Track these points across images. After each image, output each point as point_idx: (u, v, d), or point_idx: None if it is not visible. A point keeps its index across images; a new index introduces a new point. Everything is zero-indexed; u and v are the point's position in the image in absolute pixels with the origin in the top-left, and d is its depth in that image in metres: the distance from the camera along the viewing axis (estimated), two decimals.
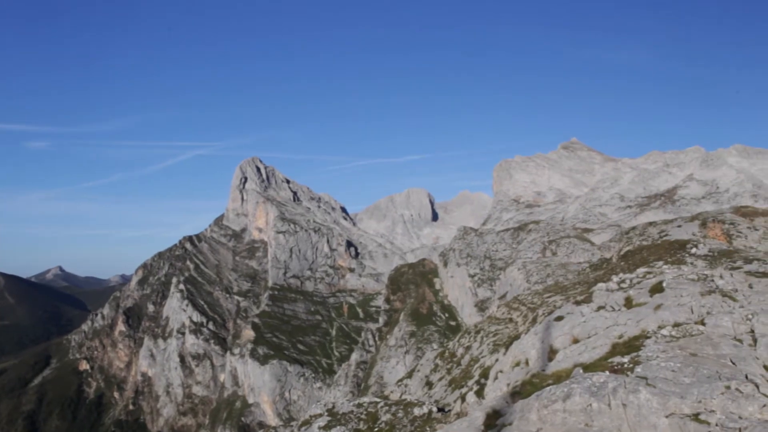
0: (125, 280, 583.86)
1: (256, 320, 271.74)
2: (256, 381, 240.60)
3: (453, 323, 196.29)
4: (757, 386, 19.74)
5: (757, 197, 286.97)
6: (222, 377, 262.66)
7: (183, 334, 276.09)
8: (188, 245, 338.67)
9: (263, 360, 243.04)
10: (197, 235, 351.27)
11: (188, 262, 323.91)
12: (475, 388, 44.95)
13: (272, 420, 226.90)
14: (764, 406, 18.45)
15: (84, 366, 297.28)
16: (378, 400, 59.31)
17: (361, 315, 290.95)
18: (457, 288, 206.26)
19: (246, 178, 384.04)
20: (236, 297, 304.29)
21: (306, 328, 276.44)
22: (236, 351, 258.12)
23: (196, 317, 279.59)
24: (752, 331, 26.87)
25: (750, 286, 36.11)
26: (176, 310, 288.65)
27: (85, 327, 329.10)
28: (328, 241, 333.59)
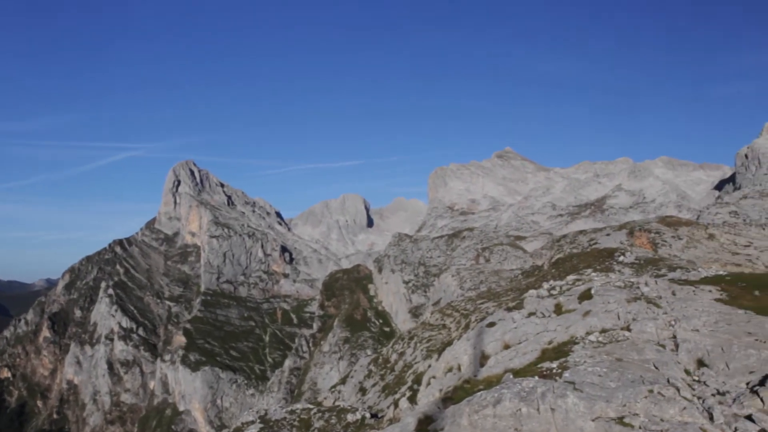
0: (51, 284, 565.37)
1: (188, 326, 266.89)
2: (187, 388, 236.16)
3: (387, 329, 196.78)
4: (678, 390, 20.45)
5: (681, 207, 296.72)
6: (152, 384, 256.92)
7: (111, 340, 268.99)
8: (118, 249, 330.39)
9: (195, 366, 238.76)
10: (128, 239, 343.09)
11: (118, 266, 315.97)
12: (408, 393, 45.25)
13: (203, 428, 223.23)
14: (684, 408, 19.14)
15: (5, 374, 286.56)
16: (311, 406, 59.15)
17: (295, 321, 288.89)
18: (391, 294, 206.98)
19: (179, 182, 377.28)
20: (167, 302, 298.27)
21: (239, 334, 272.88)
22: (167, 357, 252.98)
23: (126, 323, 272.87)
24: (674, 337, 27.81)
25: (673, 293, 37.35)
26: (105, 315, 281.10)
27: (7, 333, 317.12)
28: (262, 246, 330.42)
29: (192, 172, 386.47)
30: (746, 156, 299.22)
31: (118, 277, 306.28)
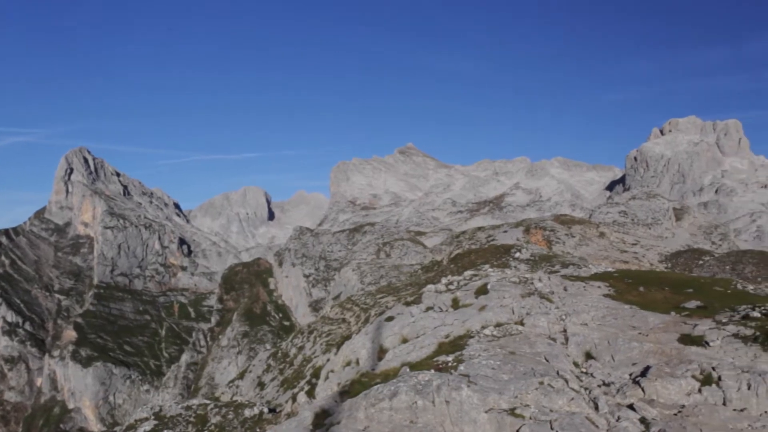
0: None
1: (79, 320, 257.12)
2: (78, 385, 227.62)
3: (287, 323, 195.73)
4: (566, 381, 21.25)
5: (575, 206, 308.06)
6: (39, 382, 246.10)
7: None
8: (3, 239, 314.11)
9: (86, 362, 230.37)
10: (14, 229, 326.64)
11: (3, 258, 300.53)
12: (307, 388, 45.14)
13: (94, 426, 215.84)
14: (572, 399, 19.92)
15: None
16: (208, 402, 58.11)
17: (193, 315, 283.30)
18: (291, 288, 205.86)
19: (72, 170, 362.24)
20: (57, 296, 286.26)
21: (133, 328, 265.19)
22: (56, 353, 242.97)
23: (11, 317, 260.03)
24: (565, 331, 28.88)
25: (565, 289, 38.75)
26: None
27: None
28: (159, 238, 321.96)
29: (86, 160, 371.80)
30: (635, 159, 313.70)
31: (3, 269, 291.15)
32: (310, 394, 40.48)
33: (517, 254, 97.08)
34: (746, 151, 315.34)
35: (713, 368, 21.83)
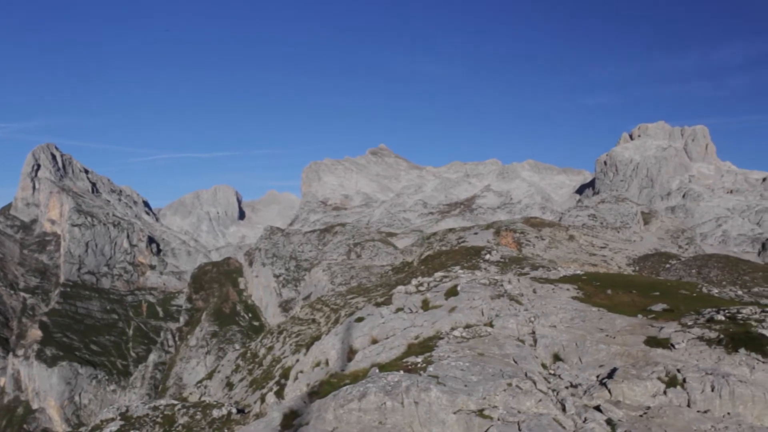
0: None
1: (45, 319, 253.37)
2: (42, 385, 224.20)
3: (256, 323, 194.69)
4: (534, 383, 21.41)
5: (545, 209, 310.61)
6: (2, 381, 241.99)
7: None
8: None
9: (51, 362, 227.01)
10: None
11: None
12: (276, 388, 44.98)
13: (59, 426, 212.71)
14: (540, 400, 20.07)
15: None
16: (176, 402, 57.63)
17: (161, 314, 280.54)
18: (261, 288, 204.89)
19: (39, 166, 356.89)
20: (22, 294, 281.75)
21: (100, 327, 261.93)
22: (20, 352, 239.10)
23: None
24: (533, 333, 29.09)
25: (534, 291, 39.03)
26: None
27: None
28: (128, 236, 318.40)
29: (54, 157, 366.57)
30: (605, 163, 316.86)
31: None
32: (279, 394, 40.36)
33: (488, 256, 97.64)
34: (713, 156, 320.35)
35: (678, 370, 22.14)
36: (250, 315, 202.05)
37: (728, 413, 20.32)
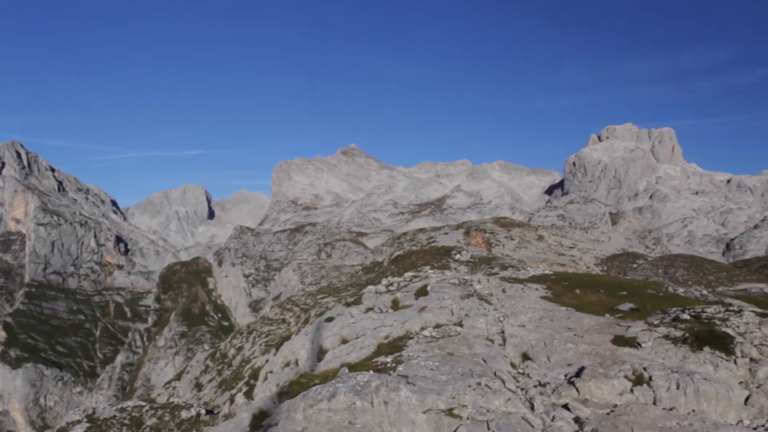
0: None
1: (9, 320, 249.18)
2: (6, 387, 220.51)
3: (226, 323, 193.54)
4: (503, 382, 21.54)
5: (514, 210, 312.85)
6: None
7: None
8: None
9: (15, 363, 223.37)
10: None
11: None
12: (245, 389, 44.69)
13: (24, 429, 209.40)
14: (509, 399, 20.21)
15: None
16: (143, 403, 57.09)
17: (129, 314, 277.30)
18: (231, 288, 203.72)
19: (3, 164, 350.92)
20: None
21: (66, 328, 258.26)
22: None
23: None
24: (503, 332, 29.26)
25: (503, 291, 39.27)
26: None
27: None
28: (95, 236, 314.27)
29: (19, 154, 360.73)
30: (574, 164, 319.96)
31: None
32: (249, 395, 40.13)
33: (458, 256, 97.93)
34: (679, 158, 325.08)
35: (645, 369, 22.43)
36: (219, 315, 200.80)
37: (693, 410, 20.64)
